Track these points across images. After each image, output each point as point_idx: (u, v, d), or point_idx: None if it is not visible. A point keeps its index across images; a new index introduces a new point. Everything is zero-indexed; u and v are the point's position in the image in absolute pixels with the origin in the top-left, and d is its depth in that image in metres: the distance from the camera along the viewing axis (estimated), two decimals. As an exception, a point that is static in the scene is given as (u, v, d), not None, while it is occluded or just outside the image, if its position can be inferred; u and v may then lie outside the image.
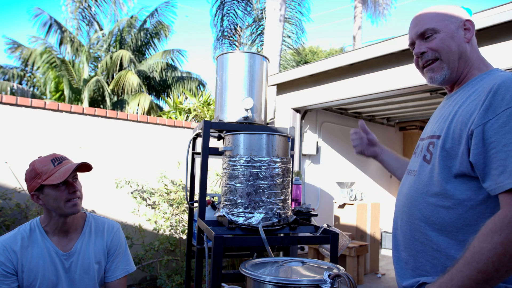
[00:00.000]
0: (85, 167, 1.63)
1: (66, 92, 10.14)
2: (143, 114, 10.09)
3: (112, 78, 11.41)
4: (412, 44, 1.28)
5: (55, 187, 1.56)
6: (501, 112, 0.97)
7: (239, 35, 11.25)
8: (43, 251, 1.60)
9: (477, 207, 1.03)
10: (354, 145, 1.65)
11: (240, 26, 11.12)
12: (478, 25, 3.14)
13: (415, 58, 1.28)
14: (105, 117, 4.37)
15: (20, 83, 12.23)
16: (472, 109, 1.05)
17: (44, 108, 3.98)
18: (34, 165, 1.59)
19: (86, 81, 10.79)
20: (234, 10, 10.91)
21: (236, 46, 11.23)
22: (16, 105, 3.83)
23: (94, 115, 4.30)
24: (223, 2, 10.68)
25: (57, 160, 1.60)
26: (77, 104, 10.37)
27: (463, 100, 1.12)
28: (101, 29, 12.62)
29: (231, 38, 11.15)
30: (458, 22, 1.20)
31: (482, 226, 0.99)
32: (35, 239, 1.62)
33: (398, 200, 1.29)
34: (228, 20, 10.96)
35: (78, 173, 1.66)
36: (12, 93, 10.97)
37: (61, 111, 4.10)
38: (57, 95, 10.94)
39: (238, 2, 10.86)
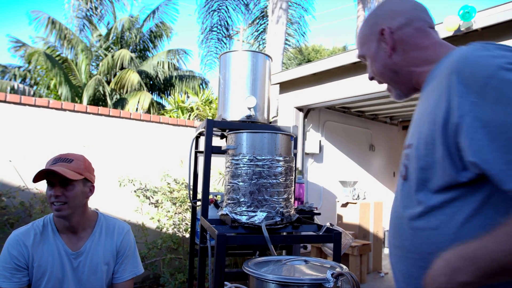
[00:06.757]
0: (58, 174, 1.50)
1: (61, 91, 10.10)
2: (143, 111, 10.10)
3: (114, 77, 11.43)
4: None
5: (47, 185, 1.56)
6: (487, 90, 0.75)
7: (229, 32, 11.22)
8: (53, 248, 1.60)
9: (472, 219, 0.81)
10: None
11: (229, 24, 11.11)
12: (480, 24, 3.12)
13: None
14: (108, 115, 4.38)
15: (24, 82, 12.26)
16: (435, 101, 0.86)
17: (47, 107, 4.00)
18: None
19: (88, 80, 10.80)
20: (226, 7, 10.88)
21: (224, 43, 11.21)
22: (20, 104, 3.84)
23: (97, 114, 4.31)
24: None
25: (55, 161, 1.56)
26: (78, 103, 10.39)
27: (424, 98, 0.98)
28: (99, 29, 12.62)
29: (220, 34, 11.12)
30: (375, 36, 1.07)
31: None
32: (47, 235, 1.61)
33: (389, 231, 1.07)
34: (219, 16, 10.92)
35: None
36: (14, 92, 11.00)
37: (65, 110, 4.11)
38: (58, 94, 10.96)
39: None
